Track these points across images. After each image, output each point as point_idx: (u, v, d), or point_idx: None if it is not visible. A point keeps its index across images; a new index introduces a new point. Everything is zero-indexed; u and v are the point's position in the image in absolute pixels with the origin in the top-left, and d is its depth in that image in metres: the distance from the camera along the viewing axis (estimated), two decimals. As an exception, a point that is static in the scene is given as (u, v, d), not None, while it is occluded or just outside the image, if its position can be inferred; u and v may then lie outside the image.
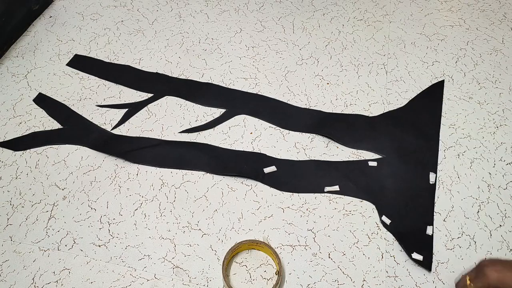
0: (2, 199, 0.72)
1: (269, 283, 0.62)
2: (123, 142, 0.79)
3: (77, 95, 0.87)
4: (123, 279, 0.63)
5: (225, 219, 0.69)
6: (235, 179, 0.74)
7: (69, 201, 0.71)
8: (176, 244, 0.66)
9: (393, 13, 1.06)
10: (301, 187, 0.73)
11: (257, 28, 1.02)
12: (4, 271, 0.64)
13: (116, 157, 0.77)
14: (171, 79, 0.91)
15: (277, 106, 0.85)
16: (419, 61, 0.94)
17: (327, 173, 0.75)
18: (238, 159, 0.77)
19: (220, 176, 0.74)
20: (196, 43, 0.98)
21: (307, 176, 0.74)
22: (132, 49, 0.97)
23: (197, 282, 0.62)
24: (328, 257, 0.65)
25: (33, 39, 0.99)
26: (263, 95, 0.87)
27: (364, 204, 0.71)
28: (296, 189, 0.73)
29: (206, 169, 0.75)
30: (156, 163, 0.76)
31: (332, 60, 0.94)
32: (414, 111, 0.83)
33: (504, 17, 1.05)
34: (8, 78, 0.91)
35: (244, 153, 0.78)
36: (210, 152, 0.78)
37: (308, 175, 0.74)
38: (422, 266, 0.64)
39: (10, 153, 0.78)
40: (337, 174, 0.74)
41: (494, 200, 0.71)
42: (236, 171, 0.74)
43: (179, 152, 0.78)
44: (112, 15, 1.05)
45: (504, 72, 0.91)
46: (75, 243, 0.66)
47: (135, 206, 0.71)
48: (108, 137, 0.80)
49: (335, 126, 0.81)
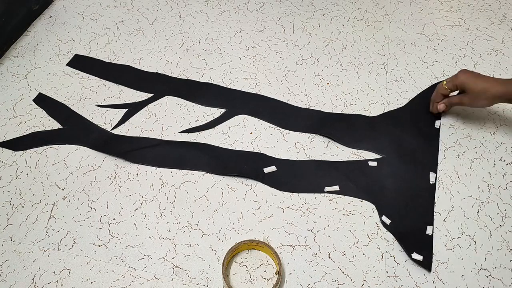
0: (2, 199, 0.72)
1: (269, 283, 0.62)
2: (123, 142, 0.79)
3: (77, 95, 0.87)
4: (123, 279, 0.63)
5: (225, 219, 0.69)
6: (235, 179, 0.74)
7: (69, 201, 0.71)
8: (176, 244, 0.66)
9: (393, 13, 1.06)
10: (301, 187, 0.73)
11: (257, 28, 1.02)
12: (4, 271, 0.64)
13: (116, 157, 0.77)
14: (171, 79, 0.90)
15: (277, 106, 0.85)
16: (419, 61, 0.94)
17: (327, 173, 0.74)
18: (238, 159, 0.77)
19: (220, 176, 0.74)
20: (196, 43, 0.98)
21: (307, 176, 0.74)
22: (132, 49, 0.97)
23: (197, 282, 0.62)
24: (328, 257, 0.65)
25: (33, 39, 0.99)
26: (263, 95, 0.87)
27: (364, 204, 0.71)
28: (296, 189, 0.73)
29: (206, 169, 0.75)
30: (156, 163, 0.76)
31: (332, 60, 0.94)
32: (414, 111, 0.83)
33: (504, 17, 1.05)
34: (8, 78, 0.91)
35: (244, 153, 0.78)
36: (210, 152, 0.78)
37: (308, 175, 0.74)
38: (422, 266, 0.64)
39: (10, 153, 0.78)
40: (337, 174, 0.74)
41: (494, 200, 0.71)
42: (236, 171, 0.74)
43: (179, 152, 0.78)
44: (112, 15, 1.05)
45: (504, 72, 0.91)
46: (75, 243, 0.66)
47: (135, 206, 0.71)
48: (108, 137, 0.80)
49: (335, 126, 0.81)
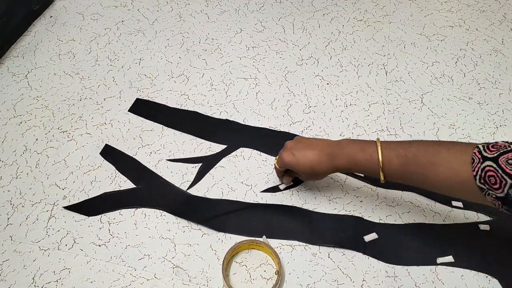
0: (2, 198, 0.72)
1: (269, 283, 0.62)
2: (203, 206, 0.71)
3: (77, 95, 0.87)
4: (123, 278, 0.63)
5: (225, 219, 0.69)
6: (235, 179, 0.74)
7: (69, 201, 0.71)
8: (176, 243, 0.66)
9: (393, 13, 1.06)
10: (410, 259, 0.65)
11: (257, 28, 1.02)
12: (4, 270, 0.64)
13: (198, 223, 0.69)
14: (243, 127, 0.82)
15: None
16: (419, 61, 0.94)
17: (434, 240, 0.66)
18: (334, 225, 0.68)
19: (220, 176, 0.74)
20: (197, 43, 0.98)
21: (412, 243, 0.66)
22: (132, 49, 0.97)
23: (197, 281, 0.63)
24: (327, 257, 0.65)
25: (34, 39, 0.99)
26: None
27: (364, 205, 0.71)
28: (405, 261, 0.64)
29: (300, 238, 0.67)
30: (243, 232, 0.67)
31: (332, 61, 0.94)
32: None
33: (504, 17, 1.05)
34: (9, 78, 0.91)
35: (339, 217, 0.69)
36: (300, 216, 0.69)
37: (413, 243, 0.66)
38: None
39: (10, 152, 0.78)
40: (446, 241, 0.66)
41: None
42: (334, 241, 0.66)
43: (266, 218, 0.69)
44: (112, 15, 1.05)
45: (504, 72, 0.92)
46: (75, 242, 0.66)
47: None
48: (186, 199, 0.71)
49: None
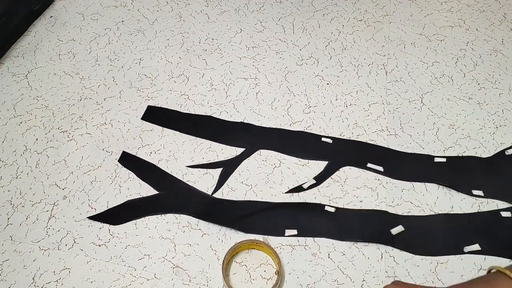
0: (2, 198, 0.72)
1: (268, 282, 0.63)
2: (228, 208, 0.70)
3: (77, 95, 0.87)
4: (123, 278, 0.63)
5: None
6: (235, 178, 0.74)
7: (69, 201, 0.71)
8: (176, 243, 0.66)
9: (393, 13, 1.06)
10: (437, 249, 0.65)
11: (257, 28, 1.02)
12: (5, 270, 0.64)
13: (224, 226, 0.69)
14: (259, 129, 0.81)
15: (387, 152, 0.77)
16: (419, 61, 0.94)
17: (460, 229, 0.66)
18: (360, 220, 0.68)
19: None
20: (197, 43, 0.98)
21: (438, 233, 0.66)
22: (132, 49, 0.97)
23: (197, 281, 0.63)
24: (327, 257, 0.65)
25: (34, 39, 1.00)
26: (365, 142, 0.79)
27: (363, 204, 0.71)
28: (433, 252, 0.65)
29: (328, 235, 0.67)
30: (269, 232, 0.67)
31: (332, 61, 0.94)
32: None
33: (504, 17, 1.05)
34: (9, 78, 0.91)
35: (365, 213, 0.69)
36: (325, 214, 0.69)
37: (439, 233, 0.67)
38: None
39: (10, 152, 0.78)
40: (471, 229, 0.67)
41: (494, 201, 0.71)
42: (362, 236, 0.66)
43: (292, 217, 0.69)
44: (112, 15, 1.05)
45: (504, 72, 0.92)
46: (75, 242, 0.66)
47: (135, 206, 0.71)
48: (210, 202, 0.71)
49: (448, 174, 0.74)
